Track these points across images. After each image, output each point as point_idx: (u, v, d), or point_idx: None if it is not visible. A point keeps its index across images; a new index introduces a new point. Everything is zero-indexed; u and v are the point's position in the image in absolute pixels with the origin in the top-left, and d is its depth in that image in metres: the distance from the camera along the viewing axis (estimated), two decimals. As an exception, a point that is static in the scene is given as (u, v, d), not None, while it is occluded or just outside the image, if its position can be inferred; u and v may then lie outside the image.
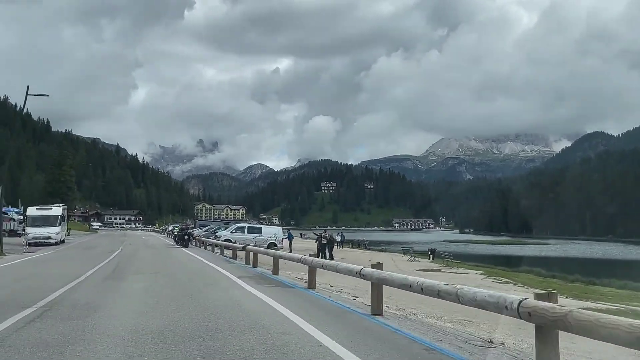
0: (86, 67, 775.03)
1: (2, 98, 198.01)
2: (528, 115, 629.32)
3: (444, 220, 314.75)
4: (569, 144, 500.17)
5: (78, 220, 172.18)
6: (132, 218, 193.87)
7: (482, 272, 33.44)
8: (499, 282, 26.17)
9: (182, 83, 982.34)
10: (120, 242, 37.99)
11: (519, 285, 25.26)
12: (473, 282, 21.90)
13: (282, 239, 38.73)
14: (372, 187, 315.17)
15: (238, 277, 13.61)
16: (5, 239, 28.54)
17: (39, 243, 32.72)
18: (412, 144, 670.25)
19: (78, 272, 14.16)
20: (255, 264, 18.48)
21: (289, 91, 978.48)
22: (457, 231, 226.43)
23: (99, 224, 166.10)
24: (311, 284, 11.76)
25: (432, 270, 30.54)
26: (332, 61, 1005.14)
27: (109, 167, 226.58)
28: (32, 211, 36.11)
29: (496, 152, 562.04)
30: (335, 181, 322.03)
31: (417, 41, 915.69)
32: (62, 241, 36.94)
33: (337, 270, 10.30)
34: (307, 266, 12.18)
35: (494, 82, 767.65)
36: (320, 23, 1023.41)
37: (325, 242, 32.95)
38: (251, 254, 19.46)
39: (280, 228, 40.02)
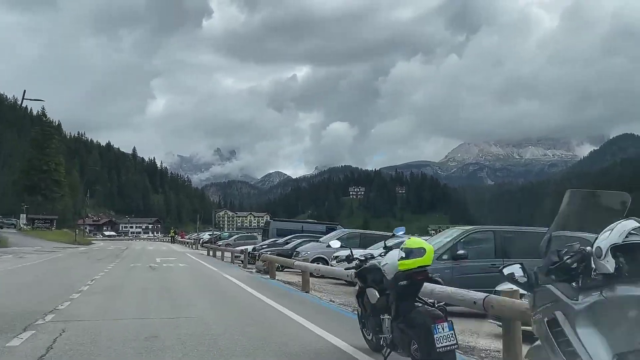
0: (104, 77, 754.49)
1: (11, 100, 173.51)
2: (550, 119, 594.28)
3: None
4: (591, 148, 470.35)
5: (90, 230, 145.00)
6: (150, 226, 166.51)
7: None
8: None
9: (200, 92, 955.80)
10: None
11: None
12: None
13: None
14: (403, 191, 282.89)
15: None
16: None
17: None
18: (431, 150, 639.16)
19: None
20: None
21: (306, 99, 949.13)
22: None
23: (113, 232, 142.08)
24: None
25: None
26: (350, 67, 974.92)
27: (125, 171, 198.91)
28: None
29: (517, 157, 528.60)
30: (364, 186, 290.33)
31: (436, 45, 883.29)
32: None
33: None
34: None
35: (515, 85, 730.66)
36: (338, 30, 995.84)
37: None
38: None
39: None
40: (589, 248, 2.81)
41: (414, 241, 5.24)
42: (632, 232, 2.57)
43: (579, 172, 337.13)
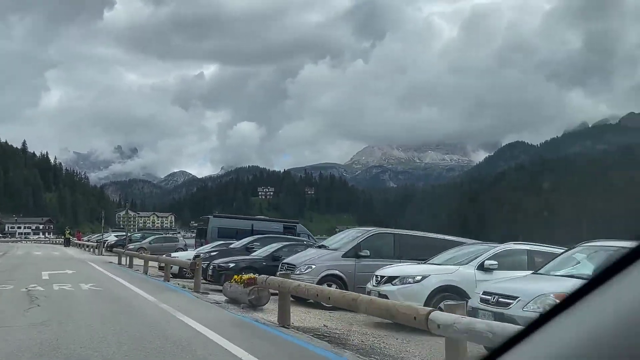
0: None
1: None
2: (448, 125, 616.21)
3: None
4: (485, 154, 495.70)
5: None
6: (41, 227, 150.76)
7: None
8: None
9: (100, 86, 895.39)
10: None
11: None
12: None
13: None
14: (312, 192, 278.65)
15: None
16: None
17: None
18: (337, 152, 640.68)
19: None
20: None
21: (213, 97, 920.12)
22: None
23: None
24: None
25: None
26: (259, 68, 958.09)
27: (13, 166, 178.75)
28: None
29: (418, 160, 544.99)
30: (273, 186, 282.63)
31: (343, 50, 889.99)
32: None
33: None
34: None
35: (418, 91, 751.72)
36: (247, 29, 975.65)
37: None
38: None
39: None
40: None
41: None
42: None
43: (476, 177, 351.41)
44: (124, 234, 37.02)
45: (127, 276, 16.52)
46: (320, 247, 12.96)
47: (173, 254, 18.41)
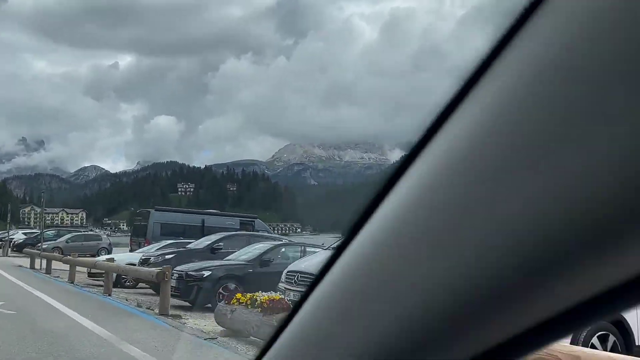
0: None
1: None
2: (367, 125, 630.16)
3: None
4: (401, 153, 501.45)
5: None
6: None
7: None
8: None
9: (3, 74, 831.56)
10: None
11: None
12: None
13: None
14: (234, 189, 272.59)
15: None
16: None
17: None
18: (259, 149, 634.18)
19: None
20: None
21: (129, 89, 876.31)
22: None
23: None
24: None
25: None
26: (178, 60, 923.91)
27: None
28: None
29: (337, 159, 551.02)
30: (193, 183, 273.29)
31: (266, 46, 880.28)
32: None
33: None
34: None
35: (338, 91, 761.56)
36: (166, 21, 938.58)
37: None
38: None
39: None
40: None
41: None
42: None
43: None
44: (33, 231, 31.45)
45: (49, 288, 12.09)
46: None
47: (115, 256, 14.11)
